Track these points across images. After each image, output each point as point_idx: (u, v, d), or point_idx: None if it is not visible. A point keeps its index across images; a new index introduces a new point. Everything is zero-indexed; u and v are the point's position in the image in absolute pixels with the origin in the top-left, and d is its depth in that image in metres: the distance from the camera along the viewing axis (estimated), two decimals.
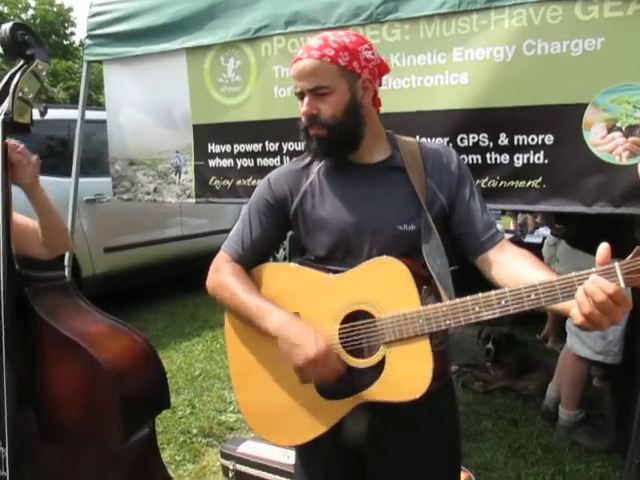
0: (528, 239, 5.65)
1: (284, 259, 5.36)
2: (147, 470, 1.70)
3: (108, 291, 5.07)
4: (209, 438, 3.24)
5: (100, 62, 3.30)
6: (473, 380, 3.87)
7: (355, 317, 1.39)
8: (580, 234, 3.12)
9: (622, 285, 1.10)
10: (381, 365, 1.36)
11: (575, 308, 1.14)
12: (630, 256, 1.11)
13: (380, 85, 1.52)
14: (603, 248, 1.13)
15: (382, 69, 1.50)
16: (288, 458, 2.63)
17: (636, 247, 1.11)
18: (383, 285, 1.36)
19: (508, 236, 5.73)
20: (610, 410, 3.40)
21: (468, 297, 1.27)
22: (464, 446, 3.02)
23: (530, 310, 1.24)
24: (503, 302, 1.23)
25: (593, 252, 1.15)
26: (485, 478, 2.79)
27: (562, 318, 3.28)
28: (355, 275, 1.40)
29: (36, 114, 1.67)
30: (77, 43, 26.97)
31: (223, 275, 1.52)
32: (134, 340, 1.63)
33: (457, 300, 1.29)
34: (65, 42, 27.37)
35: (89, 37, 3.26)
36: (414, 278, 1.35)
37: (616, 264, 1.11)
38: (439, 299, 1.36)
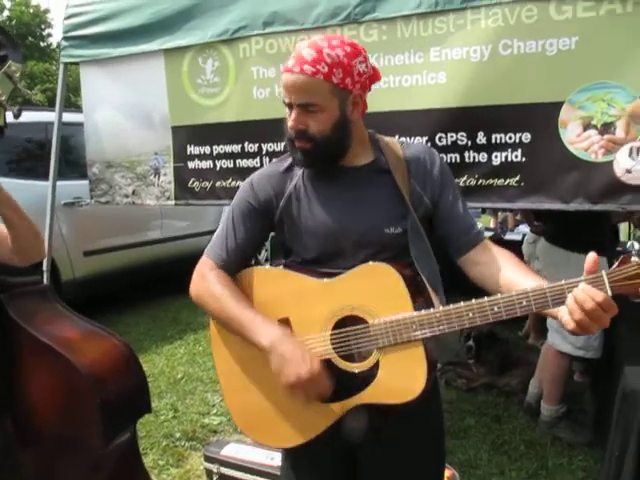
0: (508, 236, 5.70)
1: (266, 260, 5.36)
2: (129, 475, 1.69)
3: (88, 295, 5.03)
4: (192, 442, 3.22)
5: (77, 64, 3.27)
6: (456, 378, 3.89)
7: (345, 323, 1.39)
8: (558, 231, 3.16)
9: (609, 293, 1.17)
10: (374, 369, 1.37)
11: (566, 315, 1.19)
12: (616, 265, 1.17)
13: (369, 91, 1.49)
14: (591, 258, 1.18)
15: (374, 78, 1.48)
16: (272, 460, 2.63)
17: (621, 256, 1.17)
18: (376, 291, 1.37)
19: (488, 234, 5.79)
20: (591, 404, 3.44)
21: (462, 303, 1.29)
22: (448, 443, 3.03)
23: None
24: (496, 309, 1.26)
25: (571, 248, 1.20)
26: (469, 475, 2.81)
27: (542, 315, 3.32)
28: (347, 281, 1.40)
29: (10, 117, 1.65)
30: (54, 45, 26.72)
31: (210, 284, 1.48)
32: (114, 344, 1.62)
33: (451, 306, 1.30)
34: (42, 44, 27.12)
35: (65, 39, 3.23)
36: (411, 280, 1.37)
37: (603, 272, 1.17)
38: (427, 300, 1.37)
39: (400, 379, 1.35)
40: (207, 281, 1.49)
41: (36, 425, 1.52)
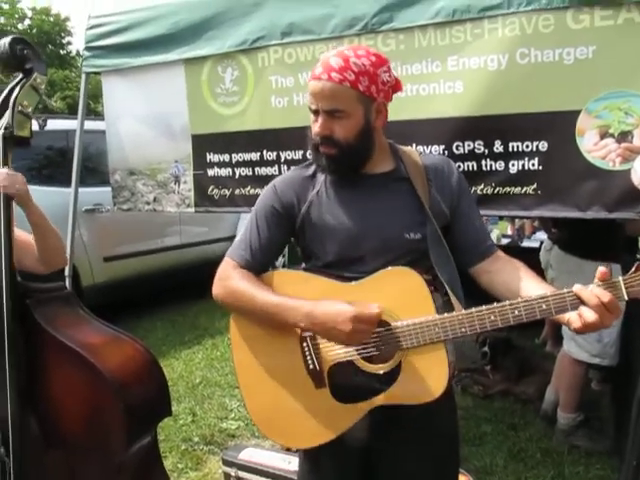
0: (525, 243, 5.67)
1: (283, 266, 5.38)
2: (149, 478, 1.72)
3: (108, 300, 5.08)
4: (210, 446, 3.25)
5: (99, 73, 3.33)
6: (472, 384, 3.89)
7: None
8: (572, 239, 3.15)
9: (625, 298, 1.24)
10: (396, 370, 1.40)
11: (575, 315, 1.27)
12: (632, 270, 1.24)
13: (390, 101, 1.53)
14: (601, 271, 1.26)
15: (396, 88, 1.53)
16: (289, 464, 2.64)
17: (637, 262, 1.23)
18: (398, 294, 1.40)
19: (505, 241, 5.76)
20: (608, 412, 3.41)
21: (483, 306, 1.33)
22: (463, 450, 3.04)
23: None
24: (517, 312, 1.31)
25: (584, 256, 1.24)
26: None
27: (556, 321, 3.31)
28: (369, 284, 1.43)
29: (35, 126, 1.69)
30: (74, 52, 27.06)
31: (234, 281, 1.51)
32: (136, 349, 1.65)
33: (473, 309, 1.34)
34: (62, 52, 27.46)
35: (87, 49, 3.29)
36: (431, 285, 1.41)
37: (620, 278, 1.25)
38: (447, 304, 1.40)
39: (422, 380, 1.38)
40: (232, 279, 1.52)
41: (61, 428, 1.55)
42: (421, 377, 1.38)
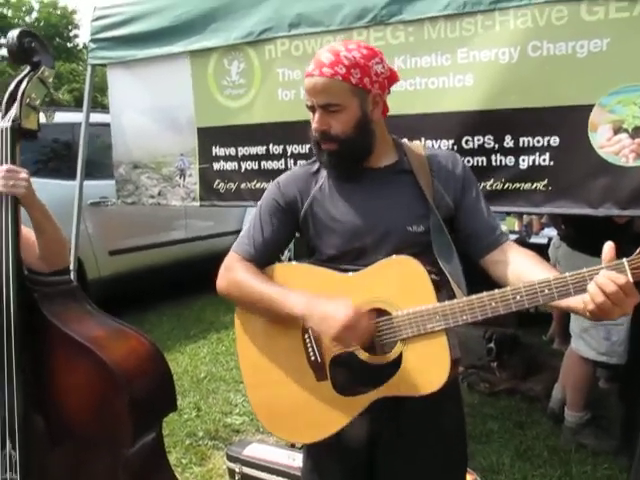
0: (533, 240, 5.63)
1: (289, 260, 5.36)
2: (155, 473, 1.70)
3: (114, 294, 5.09)
4: (215, 441, 3.24)
5: (104, 65, 3.31)
6: (479, 381, 3.87)
7: (371, 315, 1.40)
8: (580, 235, 3.12)
9: (630, 280, 1.18)
10: (397, 361, 1.37)
11: (588, 297, 1.20)
12: (637, 252, 1.18)
13: (389, 93, 1.53)
14: (609, 246, 1.21)
15: (392, 80, 1.53)
16: (294, 461, 2.63)
17: None
18: (399, 283, 1.39)
19: (513, 237, 5.72)
20: (616, 411, 3.38)
21: (484, 293, 1.31)
22: (470, 447, 3.00)
23: (541, 306, 1.32)
24: (518, 297, 1.28)
25: (592, 253, 1.21)
26: None
27: (568, 319, 3.28)
28: (370, 274, 1.42)
29: (42, 118, 1.68)
30: (81, 45, 27.06)
31: (237, 273, 1.54)
32: (141, 343, 1.64)
33: (473, 296, 1.32)
34: (69, 44, 27.47)
35: (93, 40, 3.27)
36: (434, 274, 1.39)
37: (624, 260, 1.19)
38: (451, 297, 1.38)
39: (423, 371, 1.36)
40: (235, 271, 1.54)
41: (67, 423, 1.55)
42: (422, 368, 1.36)
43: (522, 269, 1.40)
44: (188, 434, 3.30)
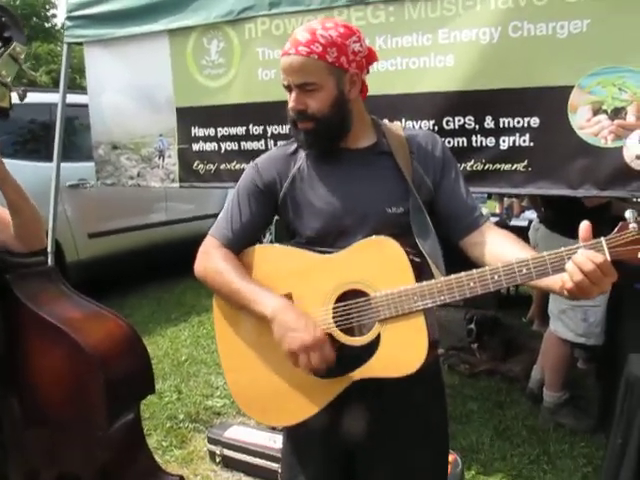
0: (514, 222, 5.66)
1: (270, 243, 5.35)
2: (133, 455, 1.69)
3: (93, 277, 5.04)
4: (196, 423, 3.24)
5: (81, 44, 3.25)
6: (459, 363, 3.90)
7: (349, 296, 1.39)
8: (557, 218, 3.13)
9: (608, 259, 1.18)
10: (375, 343, 1.36)
11: (566, 275, 1.20)
12: (615, 231, 1.19)
13: (367, 73, 1.51)
14: (585, 225, 1.21)
15: (370, 59, 1.50)
16: (275, 442, 2.64)
17: (620, 223, 1.18)
18: (377, 264, 1.38)
19: (494, 219, 5.73)
20: (594, 391, 3.44)
21: (462, 273, 1.30)
22: (450, 428, 3.02)
23: (520, 285, 1.32)
24: (496, 277, 1.27)
25: (570, 235, 1.20)
26: (471, 460, 2.81)
27: (547, 301, 3.31)
28: (348, 255, 1.41)
29: (15, 98, 1.64)
30: (59, 25, 26.53)
31: (214, 261, 1.51)
32: (118, 325, 1.62)
33: (452, 276, 1.31)
34: (46, 24, 26.94)
35: (69, 18, 3.20)
36: (413, 255, 1.37)
37: (602, 239, 1.19)
38: (429, 278, 1.37)
39: (401, 351, 1.35)
40: (211, 258, 1.52)
41: (41, 405, 1.53)
42: (400, 349, 1.35)
43: (500, 250, 1.39)
44: (169, 417, 3.29)
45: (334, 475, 1.59)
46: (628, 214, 1.18)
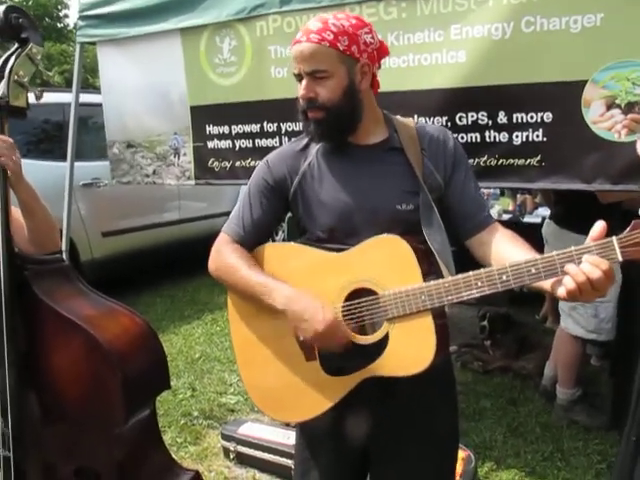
0: (527, 219, 5.64)
1: (283, 241, 5.36)
2: (149, 451, 1.71)
3: (107, 276, 5.07)
4: (210, 420, 3.26)
5: (94, 44, 3.27)
6: (472, 360, 3.89)
7: (357, 295, 1.40)
8: (568, 214, 3.11)
9: (619, 259, 1.16)
10: (384, 341, 1.37)
11: (568, 278, 1.18)
12: (627, 230, 1.15)
13: (379, 68, 1.51)
14: (600, 226, 1.18)
15: (382, 52, 1.49)
16: (288, 439, 2.65)
17: (633, 221, 1.15)
18: (385, 263, 1.38)
19: (507, 216, 5.73)
20: (607, 388, 3.42)
21: (470, 272, 1.29)
22: (463, 425, 3.05)
23: (528, 287, 1.28)
24: (504, 277, 1.26)
25: (579, 231, 1.18)
26: (484, 457, 2.81)
27: (550, 293, 3.29)
28: (357, 253, 1.41)
29: (31, 98, 1.66)
30: (71, 26, 26.70)
31: (226, 256, 1.53)
32: (134, 321, 1.63)
33: (459, 276, 1.30)
34: (59, 25, 27.11)
35: (81, 18, 3.23)
36: (422, 253, 1.37)
37: (614, 238, 1.16)
38: (439, 276, 1.37)
39: (410, 350, 1.35)
40: (223, 254, 1.54)
41: (59, 399, 1.54)
42: (408, 348, 1.36)
43: (506, 251, 1.38)
44: (183, 414, 3.32)
45: (346, 471, 1.60)
46: None
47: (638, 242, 1.15)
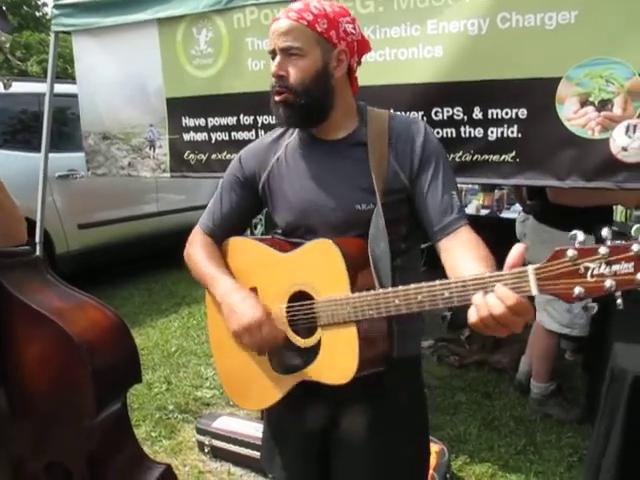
0: (505, 215, 5.67)
1: (261, 234, 5.35)
2: (119, 444, 1.69)
3: (83, 268, 5.03)
4: (185, 414, 3.25)
5: (69, 33, 3.22)
6: (449, 354, 3.92)
7: (302, 297, 1.39)
8: (546, 209, 3.14)
9: (534, 292, 1.01)
10: (317, 346, 1.37)
11: (472, 309, 1.07)
12: (546, 260, 1.00)
13: (359, 64, 1.47)
14: (517, 250, 1.04)
15: (363, 46, 1.46)
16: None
17: (554, 250, 0.99)
18: (319, 268, 1.36)
19: (485, 212, 5.75)
20: (581, 382, 3.47)
21: (390, 289, 1.23)
22: (438, 419, 3.07)
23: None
24: (419, 297, 1.17)
25: (557, 226, 1.14)
26: (458, 450, 2.84)
27: None
28: (300, 255, 1.41)
29: (0, 88, 1.63)
30: (50, 14, 26.29)
31: (193, 247, 1.60)
32: (105, 314, 1.61)
33: (380, 291, 1.24)
34: (37, 13, 26.68)
35: (56, 7, 3.18)
36: (365, 259, 1.34)
37: (529, 268, 1.01)
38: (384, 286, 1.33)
39: (335, 360, 1.34)
40: (193, 245, 1.61)
41: (29, 396, 1.52)
42: (335, 356, 1.34)
43: (458, 265, 1.29)
44: (158, 407, 3.30)
45: (311, 456, 1.59)
46: (605, 232, 0.96)
47: (558, 274, 0.98)
